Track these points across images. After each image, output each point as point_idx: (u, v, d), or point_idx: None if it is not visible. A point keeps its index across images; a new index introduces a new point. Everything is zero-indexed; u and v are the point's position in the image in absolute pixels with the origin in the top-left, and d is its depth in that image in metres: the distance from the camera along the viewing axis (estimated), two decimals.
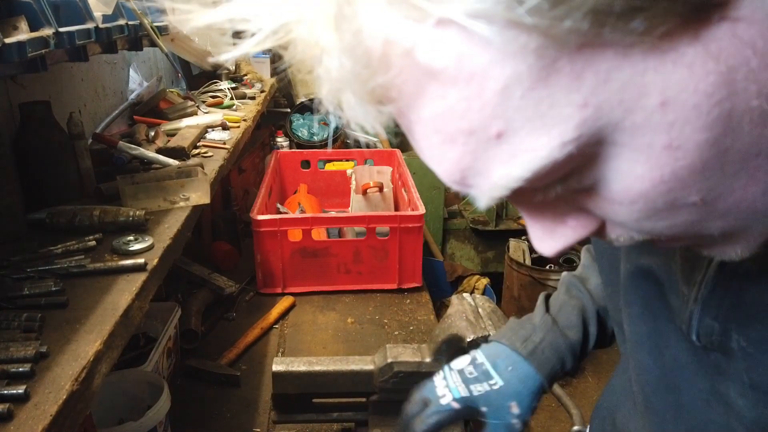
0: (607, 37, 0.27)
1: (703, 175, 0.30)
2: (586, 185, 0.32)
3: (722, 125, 0.28)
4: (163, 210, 1.07)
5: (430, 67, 0.29)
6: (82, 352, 0.66)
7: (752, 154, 0.29)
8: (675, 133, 0.28)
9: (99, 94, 1.57)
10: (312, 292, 1.83)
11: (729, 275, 0.42)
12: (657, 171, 0.30)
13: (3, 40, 0.68)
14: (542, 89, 0.28)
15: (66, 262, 0.86)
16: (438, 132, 0.31)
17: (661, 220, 0.32)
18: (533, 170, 0.30)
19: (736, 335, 0.43)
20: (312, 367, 1.28)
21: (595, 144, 0.30)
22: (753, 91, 0.28)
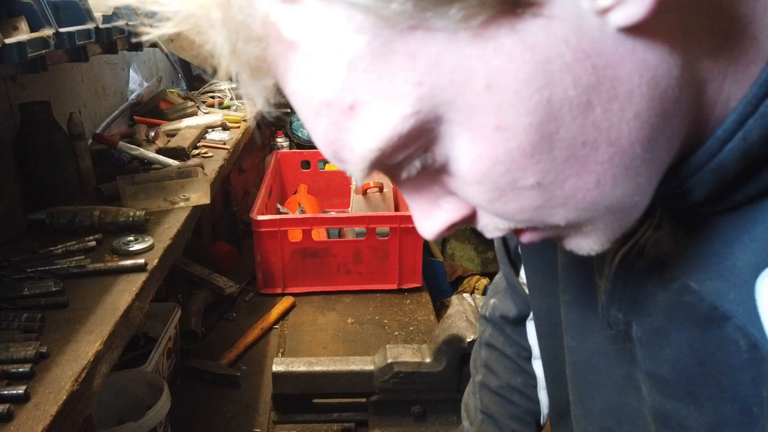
0: (433, 22, 0.29)
1: (534, 158, 0.32)
2: (441, 164, 0.35)
3: (544, 111, 0.31)
4: (163, 210, 1.07)
5: (290, 40, 0.32)
6: (82, 353, 0.66)
7: (578, 142, 0.32)
8: (502, 115, 0.31)
9: (99, 94, 1.57)
10: (312, 293, 1.83)
11: (627, 269, 0.45)
12: (492, 150, 0.32)
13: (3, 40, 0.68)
14: (382, 65, 0.31)
15: (66, 262, 0.86)
16: (306, 104, 0.34)
17: (510, 203, 0.35)
18: (383, 141, 0.32)
19: (636, 326, 0.46)
20: (312, 368, 1.28)
21: (435, 121, 0.32)
22: (569, 82, 0.30)
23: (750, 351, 0.36)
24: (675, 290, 0.41)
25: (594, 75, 0.31)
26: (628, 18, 0.29)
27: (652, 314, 0.43)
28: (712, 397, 0.40)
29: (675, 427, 0.44)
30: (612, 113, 0.32)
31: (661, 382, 0.44)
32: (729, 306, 0.37)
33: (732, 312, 0.37)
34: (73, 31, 0.85)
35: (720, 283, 0.38)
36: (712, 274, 0.39)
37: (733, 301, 0.37)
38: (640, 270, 0.44)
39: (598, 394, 0.55)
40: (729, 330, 0.37)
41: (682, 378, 0.42)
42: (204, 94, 2.16)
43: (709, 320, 0.39)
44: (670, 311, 0.42)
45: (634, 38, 0.31)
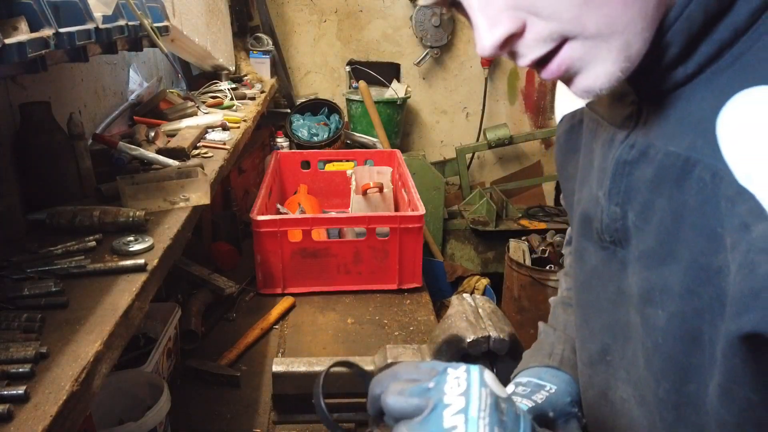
0: None
1: None
2: None
3: None
4: (163, 210, 1.07)
5: None
6: (82, 353, 0.66)
7: None
8: None
9: (99, 94, 1.57)
10: (312, 293, 1.83)
11: (622, 165, 0.54)
12: None
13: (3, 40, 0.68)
14: None
15: (66, 262, 0.86)
16: None
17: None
18: None
19: (631, 213, 0.53)
20: (312, 368, 1.28)
21: None
22: None
23: (713, 180, 0.44)
24: (659, 161, 0.49)
25: None
26: None
27: (642, 193, 0.51)
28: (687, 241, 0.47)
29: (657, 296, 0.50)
30: None
31: (648, 256, 0.51)
32: (698, 153, 0.45)
33: (700, 156, 0.45)
34: (73, 31, 0.85)
35: (692, 137, 0.46)
36: (686, 132, 0.47)
37: (701, 147, 0.45)
38: (632, 160, 0.53)
39: (596, 313, 0.62)
40: (697, 172, 0.45)
41: (664, 240, 0.49)
42: (204, 94, 2.16)
43: (683, 171, 0.46)
44: (656, 182, 0.50)
45: None
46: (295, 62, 3.51)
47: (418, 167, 3.00)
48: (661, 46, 0.47)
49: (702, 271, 0.45)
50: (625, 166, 0.53)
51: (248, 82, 2.48)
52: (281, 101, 3.22)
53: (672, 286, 0.48)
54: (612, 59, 0.47)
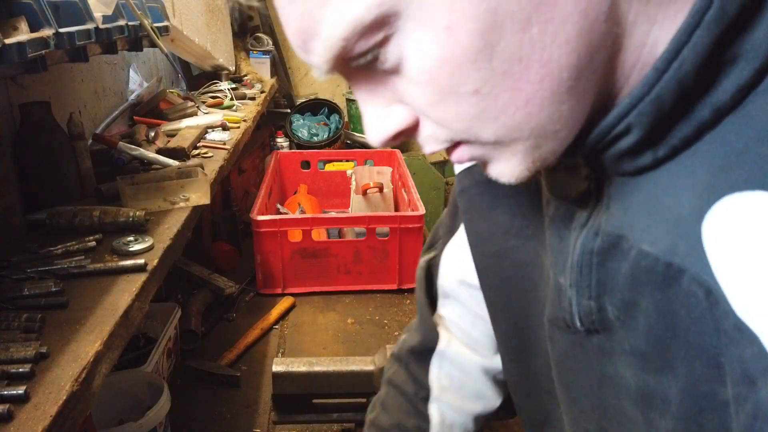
0: None
1: (476, 64, 0.35)
2: (394, 62, 0.37)
3: (489, 19, 0.33)
4: (163, 210, 1.07)
5: None
6: (82, 353, 0.66)
7: (515, 57, 0.35)
8: (453, 17, 0.34)
9: (99, 94, 1.57)
10: (312, 293, 1.83)
11: (588, 254, 0.45)
12: (440, 50, 0.35)
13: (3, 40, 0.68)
14: None
15: (66, 262, 0.86)
16: None
17: (450, 107, 0.37)
18: (348, 29, 0.35)
19: (610, 306, 0.45)
20: (312, 368, 1.28)
21: (395, 15, 0.35)
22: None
23: (707, 298, 0.36)
24: (633, 259, 0.41)
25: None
26: None
27: (620, 290, 0.44)
28: (684, 359, 0.39)
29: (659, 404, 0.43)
30: (547, 34, 0.34)
31: (641, 357, 0.44)
32: (682, 259, 0.37)
33: (685, 264, 0.37)
34: (73, 31, 0.86)
35: (671, 239, 0.38)
36: (662, 231, 0.39)
37: (684, 253, 0.37)
38: (600, 250, 0.44)
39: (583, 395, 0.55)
40: (686, 283, 0.37)
41: (657, 347, 0.42)
42: (204, 94, 2.16)
43: (668, 279, 0.39)
44: (634, 281, 0.42)
45: None
46: (295, 62, 3.51)
47: (418, 167, 3.00)
48: (618, 130, 0.39)
49: (704, 400, 0.38)
50: (592, 257, 0.45)
51: (248, 82, 2.48)
52: (281, 101, 3.22)
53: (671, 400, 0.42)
54: (517, 161, 0.40)
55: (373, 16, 0.34)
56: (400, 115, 0.41)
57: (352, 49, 0.37)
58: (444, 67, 0.35)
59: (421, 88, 0.38)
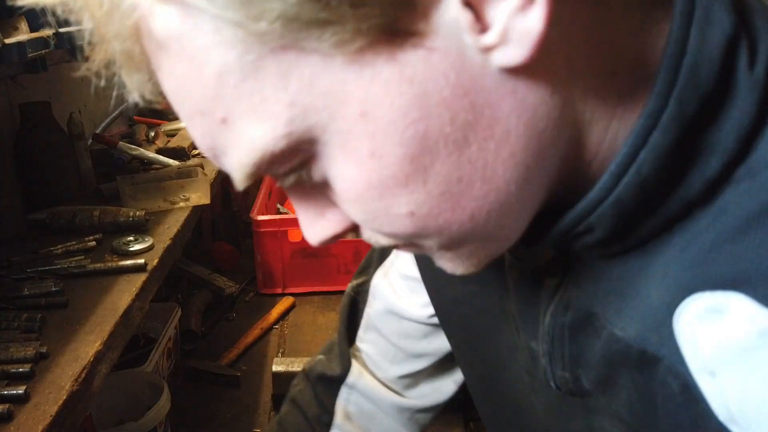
0: (307, 44, 0.28)
1: (408, 188, 0.32)
2: (319, 180, 0.34)
3: (419, 144, 0.30)
4: (163, 210, 1.07)
5: (159, 40, 0.30)
6: (82, 353, 0.66)
7: (454, 178, 0.31)
8: (377, 143, 0.30)
9: (99, 94, 1.57)
10: (312, 293, 1.83)
11: (560, 328, 0.43)
12: (366, 175, 0.31)
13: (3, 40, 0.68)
14: (253, 82, 0.29)
15: (66, 262, 0.86)
16: (180, 107, 0.33)
17: (384, 226, 0.34)
18: (256, 158, 0.31)
19: (585, 379, 0.43)
20: None
21: (310, 142, 0.31)
22: (446, 118, 0.30)
23: (683, 393, 0.34)
24: (606, 339, 0.39)
25: (472, 113, 0.30)
26: (510, 59, 0.29)
27: (594, 366, 0.41)
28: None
29: None
30: (488, 152, 0.31)
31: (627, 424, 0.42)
32: (656, 348, 0.35)
33: (660, 353, 0.35)
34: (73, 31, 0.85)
35: (641, 327, 0.36)
36: (632, 318, 0.37)
37: (657, 342, 0.35)
38: (572, 325, 0.42)
39: None
40: (662, 372, 0.35)
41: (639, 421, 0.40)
42: None
43: (643, 364, 0.37)
44: (609, 360, 0.40)
45: (516, 78, 0.30)
46: None
47: None
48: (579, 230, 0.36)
49: None
50: (564, 330, 0.43)
51: None
52: None
53: None
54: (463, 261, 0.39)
55: (282, 147, 0.31)
56: (335, 219, 0.38)
57: (266, 171, 0.33)
58: (372, 192, 0.32)
59: (351, 207, 0.34)
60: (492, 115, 0.30)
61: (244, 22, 0.27)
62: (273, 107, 0.30)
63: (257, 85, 0.29)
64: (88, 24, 0.32)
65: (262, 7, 0.27)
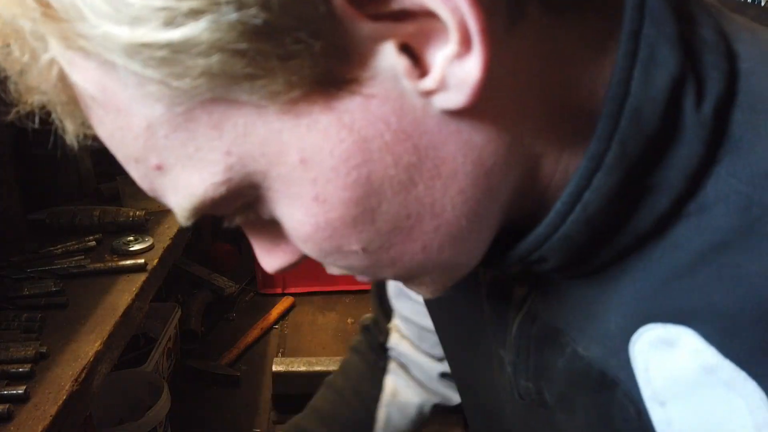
0: (238, 96, 0.27)
1: (357, 228, 0.32)
2: (268, 216, 0.34)
3: (363, 187, 0.30)
4: (163, 210, 1.07)
5: (84, 92, 0.29)
6: (82, 353, 0.66)
7: (402, 215, 0.32)
8: (320, 188, 0.30)
9: None
10: (312, 293, 1.83)
11: (526, 338, 0.43)
12: (312, 218, 0.31)
13: None
14: (184, 133, 0.29)
15: (66, 262, 0.86)
16: (116, 152, 0.32)
17: (338, 261, 0.35)
18: (195, 204, 0.31)
19: (547, 393, 0.43)
20: (312, 367, 1.28)
21: (251, 187, 0.31)
22: (389, 161, 0.29)
23: (639, 418, 0.35)
24: (568, 357, 0.40)
25: (415, 155, 0.30)
26: (451, 104, 0.28)
27: (556, 381, 0.42)
28: None
29: None
30: (435, 190, 0.31)
31: None
32: (615, 372, 0.36)
33: (619, 377, 0.36)
34: None
35: (601, 349, 0.37)
36: (593, 339, 0.38)
37: (616, 366, 0.36)
38: (537, 337, 0.42)
39: None
40: (619, 396, 0.36)
41: None
42: None
43: (602, 385, 0.37)
44: (570, 378, 0.40)
45: (460, 119, 0.30)
46: None
47: None
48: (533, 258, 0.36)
49: None
50: (530, 342, 0.43)
51: None
52: None
53: None
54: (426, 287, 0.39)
55: (221, 193, 0.30)
56: (290, 251, 0.38)
57: (209, 212, 0.33)
58: (321, 233, 0.32)
59: (303, 245, 0.34)
60: (437, 155, 0.30)
61: (166, 80, 0.27)
62: (209, 155, 0.29)
63: (189, 135, 0.29)
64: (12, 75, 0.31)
65: (184, 65, 0.26)
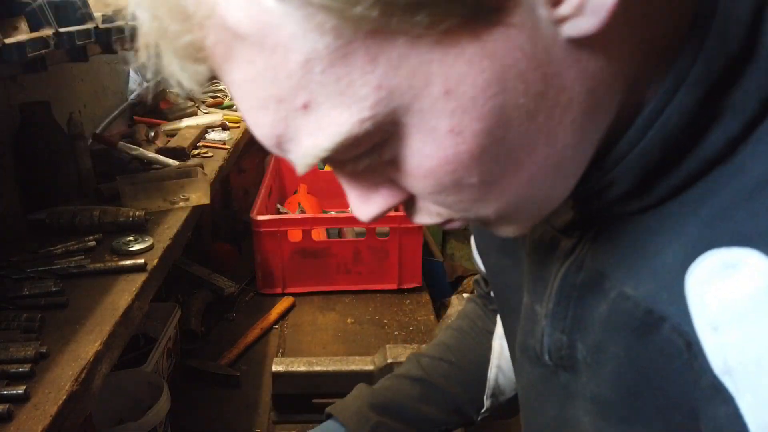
0: (396, 27, 0.29)
1: (481, 160, 0.33)
2: (388, 159, 0.35)
3: (495, 117, 0.32)
4: (162, 210, 1.07)
5: (237, 31, 0.30)
6: (82, 353, 0.66)
7: (521, 145, 0.34)
8: (456, 120, 0.32)
9: (99, 94, 1.57)
10: (312, 293, 1.83)
11: (569, 287, 0.45)
12: (442, 152, 0.33)
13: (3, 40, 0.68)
14: (341, 68, 0.30)
15: (66, 262, 0.86)
16: (251, 97, 0.33)
17: (450, 195, 0.36)
18: (336, 143, 0.32)
19: (581, 345, 0.45)
20: (312, 368, 1.28)
21: (390, 123, 0.32)
22: (521, 90, 0.31)
23: (688, 350, 0.36)
24: (613, 300, 0.41)
25: (543, 83, 0.32)
26: (581, 30, 0.30)
27: (593, 330, 0.43)
28: (660, 409, 0.39)
29: None
30: (553, 119, 0.33)
31: (604, 405, 0.43)
32: (663, 307, 0.37)
33: (667, 312, 0.37)
34: (73, 31, 0.85)
35: (653, 285, 0.38)
36: (645, 276, 0.38)
37: (666, 301, 0.37)
38: (582, 285, 0.44)
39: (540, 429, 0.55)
40: (666, 332, 0.37)
41: (625, 396, 0.41)
42: (204, 93, 2.16)
43: (646, 325, 0.38)
44: (609, 323, 0.41)
45: (581, 48, 0.32)
46: None
47: None
48: (603, 183, 0.38)
49: None
50: (572, 290, 0.44)
51: None
52: None
53: None
54: (515, 226, 0.41)
55: (365, 129, 0.32)
56: (389, 194, 0.39)
57: (340, 156, 0.34)
58: (446, 167, 0.34)
59: (418, 181, 0.36)
60: (559, 84, 0.32)
61: (341, 8, 0.28)
62: (360, 90, 0.30)
63: (345, 70, 0.30)
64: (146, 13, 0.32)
65: None
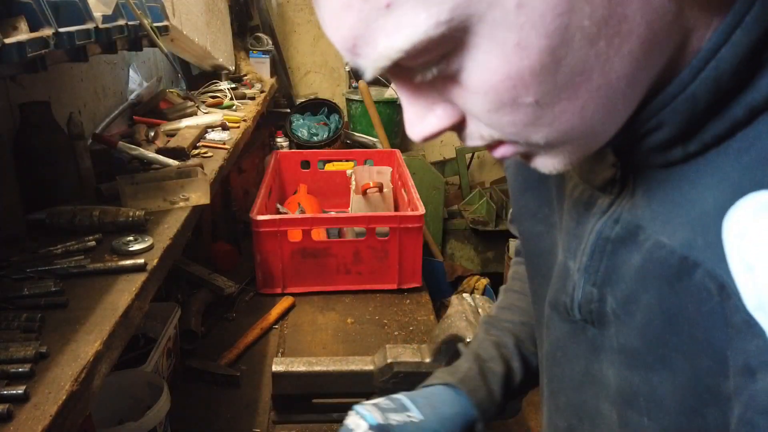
0: None
1: (540, 78, 0.34)
2: (453, 71, 0.36)
3: (560, 36, 0.33)
4: (162, 210, 1.07)
5: None
6: (81, 353, 0.66)
7: (578, 70, 0.34)
8: (524, 34, 0.33)
9: (99, 94, 1.57)
10: (312, 293, 1.83)
11: (604, 241, 0.46)
12: (506, 66, 0.34)
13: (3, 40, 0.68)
14: None
15: (66, 262, 0.86)
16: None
17: (505, 116, 0.37)
18: (412, 43, 0.33)
19: (611, 298, 0.47)
20: (312, 368, 1.28)
21: (463, 30, 0.33)
22: (586, 12, 0.32)
23: (719, 293, 0.37)
24: (648, 249, 0.42)
25: (608, 8, 0.33)
26: None
27: (626, 281, 0.44)
28: (686, 354, 0.40)
29: (642, 402, 0.45)
30: (612, 47, 0.34)
31: (630, 355, 0.45)
32: (698, 253, 0.38)
33: (701, 258, 0.38)
34: (73, 31, 0.85)
35: (689, 232, 0.39)
36: (682, 223, 0.40)
37: (701, 247, 0.38)
38: (616, 238, 0.45)
39: (562, 389, 0.57)
40: (699, 277, 0.38)
41: (653, 343, 0.43)
42: (204, 93, 2.16)
43: (680, 272, 0.39)
44: (643, 272, 0.43)
45: None
46: (294, 62, 3.51)
47: (417, 167, 3.00)
48: (650, 125, 0.39)
49: (708, 393, 0.39)
50: (607, 244, 0.46)
51: (248, 81, 2.48)
52: (281, 101, 3.22)
53: (663, 397, 0.43)
54: (561, 158, 0.41)
55: (441, 32, 0.33)
56: (444, 115, 0.40)
57: (410, 60, 0.35)
58: (507, 82, 0.35)
59: (478, 98, 0.37)
60: (622, 12, 0.33)
61: None
62: None
63: None
64: None
65: None
